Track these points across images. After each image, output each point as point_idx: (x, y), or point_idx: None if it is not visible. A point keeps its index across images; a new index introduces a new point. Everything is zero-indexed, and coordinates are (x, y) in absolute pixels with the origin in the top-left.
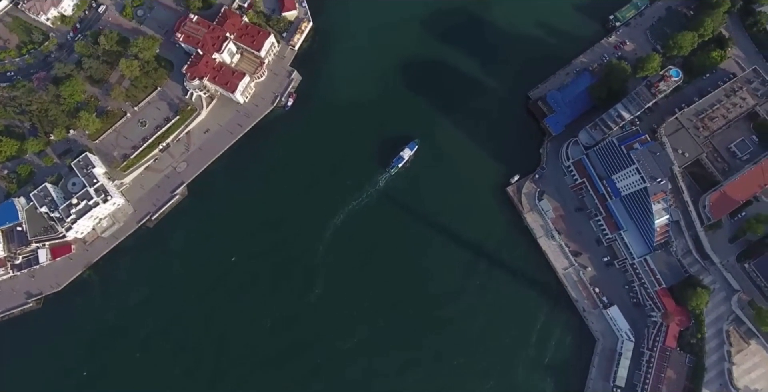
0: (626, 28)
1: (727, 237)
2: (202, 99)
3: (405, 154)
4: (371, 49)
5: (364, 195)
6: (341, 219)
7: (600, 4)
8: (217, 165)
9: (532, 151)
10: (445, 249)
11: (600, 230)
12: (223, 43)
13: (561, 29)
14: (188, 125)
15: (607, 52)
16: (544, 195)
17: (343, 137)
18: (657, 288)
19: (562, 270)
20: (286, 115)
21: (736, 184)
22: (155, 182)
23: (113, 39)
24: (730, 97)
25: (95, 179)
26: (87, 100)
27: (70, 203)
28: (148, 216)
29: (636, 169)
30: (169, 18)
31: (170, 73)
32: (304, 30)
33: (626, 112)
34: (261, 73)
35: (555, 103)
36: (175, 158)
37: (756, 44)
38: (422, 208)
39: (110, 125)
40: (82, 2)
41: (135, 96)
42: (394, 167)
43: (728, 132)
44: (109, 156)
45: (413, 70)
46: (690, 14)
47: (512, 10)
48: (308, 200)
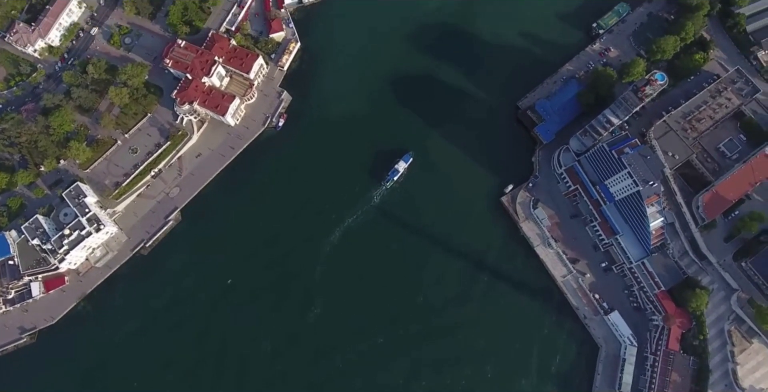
0: (610, 35)
1: (723, 237)
2: (193, 123)
3: (400, 167)
4: (360, 67)
5: (360, 211)
6: (338, 236)
7: (583, 12)
8: (210, 188)
9: (524, 160)
10: (442, 262)
11: (596, 236)
12: (212, 66)
13: (546, 38)
14: (180, 150)
15: (593, 59)
16: (539, 203)
17: (336, 154)
18: (656, 291)
19: (561, 277)
20: (277, 135)
21: (728, 183)
22: (148, 209)
23: (101, 67)
24: (716, 97)
25: (87, 208)
26: (77, 129)
27: (63, 234)
28: (142, 243)
29: (628, 173)
30: (157, 44)
31: (160, 99)
32: (292, 50)
33: (615, 117)
34: (251, 95)
35: (544, 111)
36: (167, 184)
37: (737, 45)
38: (418, 222)
39: (101, 154)
40: (69, 32)
41: (125, 123)
42: (389, 180)
43: (716, 132)
44: (100, 184)
45: (402, 85)
46: (671, 19)
47: (497, 22)
48: (304, 219)
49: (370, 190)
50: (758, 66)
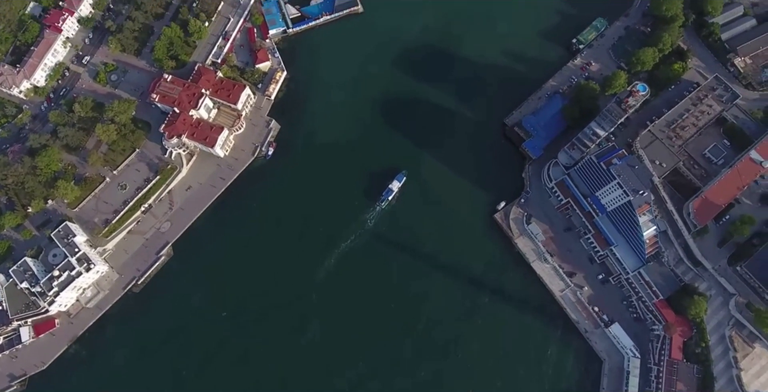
0: (590, 49)
1: (716, 242)
2: (182, 156)
3: (394, 187)
4: (347, 92)
5: (354, 235)
6: (333, 262)
7: (562, 29)
8: (201, 221)
9: (514, 176)
10: (440, 283)
11: (591, 248)
12: (199, 99)
13: (528, 56)
14: (170, 184)
15: (575, 74)
16: (532, 218)
17: (328, 180)
18: (655, 300)
19: (559, 292)
20: (267, 164)
21: (716, 188)
22: (139, 245)
23: (88, 105)
24: (697, 105)
25: (77, 248)
26: (64, 168)
27: (52, 275)
28: (133, 281)
29: (618, 184)
30: (144, 80)
31: (148, 134)
32: (278, 80)
33: (600, 130)
34: (239, 126)
35: (531, 127)
36: (158, 218)
37: (713, 53)
38: (413, 243)
39: (89, 191)
40: (54, 72)
41: (113, 160)
42: (384, 200)
43: (700, 139)
44: (90, 223)
45: (390, 108)
46: (647, 31)
47: (480, 42)
48: (298, 246)
49: (363, 212)
50: (736, 72)
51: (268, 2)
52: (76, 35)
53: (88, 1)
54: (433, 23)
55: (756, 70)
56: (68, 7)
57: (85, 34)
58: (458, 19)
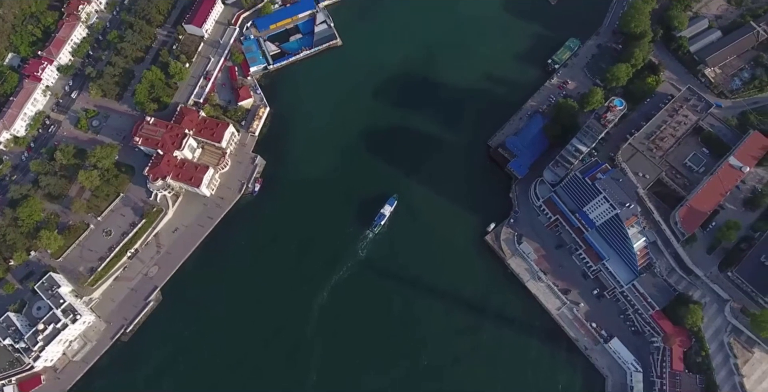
0: (565, 68)
1: (705, 249)
2: (167, 198)
3: (386, 211)
4: (331, 124)
5: (345, 267)
6: (326, 296)
7: (536, 50)
8: (190, 263)
9: (502, 196)
10: (435, 309)
11: (584, 263)
12: (182, 140)
13: (506, 78)
14: (156, 227)
15: (553, 93)
16: (523, 238)
17: (317, 212)
18: (651, 312)
19: (556, 310)
20: (255, 200)
21: (700, 196)
22: (126, 292)
23: (70, 152)
24: (674, 116)
25: (62, 299)
26: (47, 218)
27: (37, 329)
28: (122, 329)
29: (604, 198)
30: (126, 123)
31: (132, 178)
32: (262, 116)
33: (582, 146)
34: (224, 164)
35: (514, 147)
36: (145, 263)
37: (684, 65)
38: (406, 272)
39: (73, 240)
40: (35, 121)
41: (97, 206)
42: (377, 225)
43: (680, 149)
44: (74, 272)
45: (374, 137)
46: (619, 48)
47: (457, 69)
48: (290, 283)
49: (355, 241)
50: (707, 82)
51: (248, 40)
52: (55, 83)
53: (67, 49)
54: (412, 52)
55: (726, 79)
56: (47, 56)
57: (65, 81)
58: (435, 47)
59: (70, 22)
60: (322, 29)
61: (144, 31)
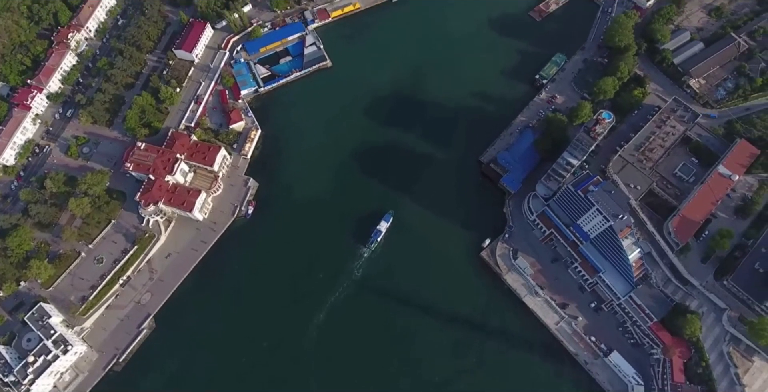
0: (553, 83)
1: (699, 258)
2: (160, 223)
3: (382, 227)
4: (322, 144)
5: (341, 288)
6: (322, 318)
7: (523, 66)
8: (183, 289)
9: (496, 212)
10: (433, 328)
11: (580, 277)
12: (174, 164)
13: (495, 95)
14: (148, 253)
15: (542, 108)
16: (518, 253)
17: (311, 233)
18: (649, 323)
19: (554, 325)
20: (248, 223)
21: (691, 205)
22: (118, 320)
23: (60, 180)
24: (662, 127)
25: (52, 330)
26: (37, 247)
27: (27, 362)
28: (114, 359)
29: (597, 210)
30: (117, 150)
31: (123, 204)
32: (253, 138)
33: (573, 159)
34: (217, 187)
35: (506, 162)
36: (137, 290)
37: (669, 77)
38: (402, 291)
39: (64, 269)
40: (24, 150)
41: (88, 233)
42: (373, 242)
43: (669, 159)
44: (65, 301)
45: (367, 156)
46: (605, 62)
47: (447, 86)
48: (285, 305)
49: (350, 261)
50: (692, 93)
51: (238, 64)
52: (45, 111)
53: (57, 77)
54: (401, 72)
55: (711, 89)
56: (37, 85)
57: (54, 109)
58: (424, 66)
59: (60, 51)
60: (311, 51)
61: (134, 57)
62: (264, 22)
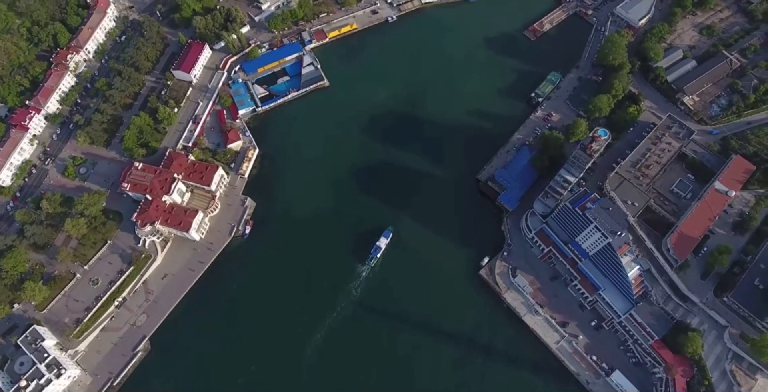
0: (548, 101)
1: (699, 275)
2: (156, 244)
3: (382, 243)
4: (320, 163)
5: (339, 307)
6: (320, 338)
7: (519, 85)
8: (179, 310)
9: (494, 230)
10: (433, 348)
11: (579, 294)
12: (171, 184)
13: (491, 113)
14: (144, 274)
15: (538, 126)
16: (517, 271)
17: (309, 253)
18: (651, 341)
19: (555, 344)
20: (245, 243)
21: (689, 222)
22: (113, 343)
23: (56, 201)
24: (657, 144)
25: (45, 353)
26: (31, 268)
27: (19, 386)
28: (108, 383)
29: (595, 227)
30: (114, 170)
31: (120, 224)
32: (251, 157)
33: (570, 176)
34: (214, 207)
35: (504, 180)
36: (133, 312)
37: (663, 94)
38: (401, 309)
39: (59, 290)
40: (21, 171)
41: (84, 254)
42: (373, 258)
43: (666, 175)
44: (59, 324)
45: (364, 175)
46: (599, 80)
47: (443, 105)
48: (283, 325)
49: (348, 281)
50: (687, 110)
51: (236, 84)
52: (43, 132)
53: (55, 98)
54: (397, 91)
55: (705, 106)
56: (35, 106)
57: (52, 130)
58: (420, 85)
59: (59, 72)
60: (309, 71)
61: (132, 78)
62: (262, 43)
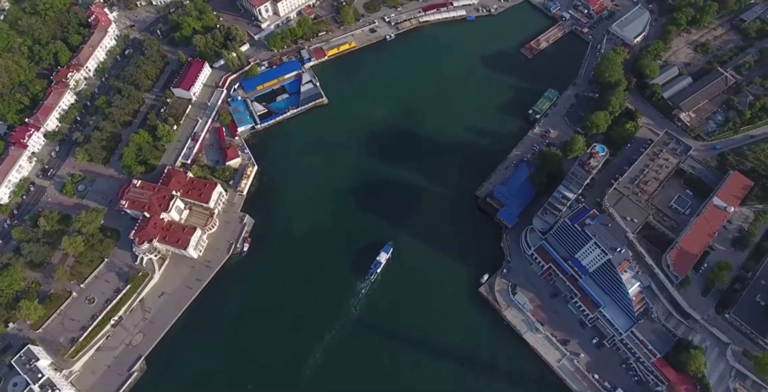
0: (546, 118)
1: (700, 291)
2: (154, 262)
3: (382, 258)
4: (318, 180)
5: (338, 326)
6: (318, 357)
7: (516, 102)
8: (176, 329)
9: (493, 246)
10: (433, 367)
11: (580, 312)
12: (169, 202)
13: (489, 130)
14: (141, 292)
15: (536, 142)
16: (517, 288)
17: (307, 271)
18: (653, 359)
19: (556, 362)
20: (243, 261)
21: (689, 238)
22: (109, 363)
23: (54, 218)
24: (655, 160)
25: (40, 374)
26: (27, 286)
27: None
28: None
29: (595, 244)
30: (112, 187)
31: (117, 242)
32: (250, 174)
33: (569, 192)
34: (212, 224)
35: (502, 196)
36: (129, 331)
37: (659, 111)
38: (400, 327)
39: (55, 309)
40: (19, 188)
41: (80, 272)
42: (373, 273)
43: (665, 191)
44: (55, 343)
45: (363, 191)
46: (596, 97)
47: (441, 122)
48: (281, 344)
49: (347, 299)
50: (683, 126)
51: (235, 102)
52: (42, 149)
53: (54, 116)
54: (396, 108)
55: (701, 122)
56: (35, 123)
57: (51, 147)
58: (419, 103)
59: (59, 90)
60: (308, 88)
61: (132, 95)
62: (261, 61)
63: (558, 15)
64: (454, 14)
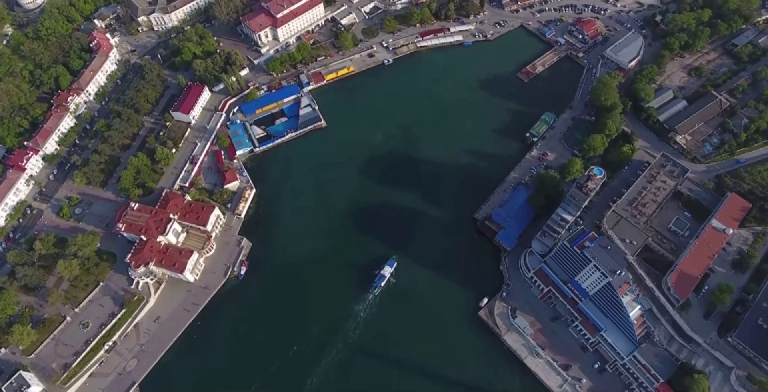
0: (543, 141)
1: (701, 314)
2: (149, 285)
3: (386, 272)
4: (316, 203)
5: (335, 350)
6: (315, 382)
7: (514, 125)
8: (171, 354)
9: (492, 270)
10: (432, 390)
11: (581, 335)
12: (167, 225)
13: (487, 152)
14: (136, 316)
15: (534, 165)
16: (517, 311)
17: (304, 294)
18: (656, 384)
19: (558, 388)
20: (240, 284)
21: (688, 260)
22: (102, 389)
23: (50, 242)
24: (652, 182)
25: None
26: (21, 311)
27: None
28: None
29: (594, 267)
30: (109, 210)
31: (113, 265)
32: (248, 197)
33: (567, 215)
34: (210, 247)
35: (501, 219)
36: (123, 356)
37: (655, 133)
38: (398, 352)
39: (48, 334)
40: (15, 211)
41: (75, 296)
42: (377, 287)
43: (663, 213)
44: (47, 369)
45: (361, 215)
46: (592, 120)
47: (439, 145)
48: (277, 369)
49: (345, 323)
50: (680, 149)
51: (234, 125)
52: (39, 172)
53: (53, 139)
54: (394, 131)
55: (697, 144)
56: (33, 146)
57: (49, 170)
58: (417, 126)
59: (59, 113)
60: (306, 112)
61: (131, 119)
62: (261, 85)
63: (553, 40)
64: (451, 39)
